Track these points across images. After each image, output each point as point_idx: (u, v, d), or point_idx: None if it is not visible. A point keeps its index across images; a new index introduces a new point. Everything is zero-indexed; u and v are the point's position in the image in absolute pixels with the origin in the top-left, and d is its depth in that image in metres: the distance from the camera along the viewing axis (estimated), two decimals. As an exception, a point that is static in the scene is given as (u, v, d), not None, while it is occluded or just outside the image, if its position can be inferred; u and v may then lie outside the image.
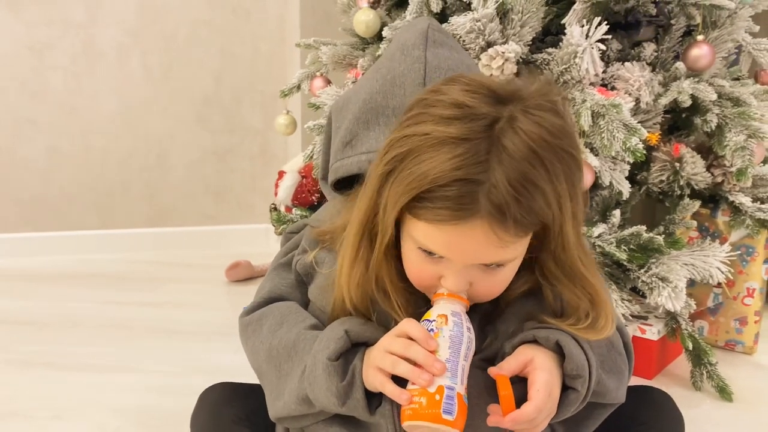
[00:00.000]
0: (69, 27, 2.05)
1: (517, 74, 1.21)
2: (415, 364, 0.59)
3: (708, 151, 1.36)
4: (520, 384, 0.61)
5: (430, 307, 0.63)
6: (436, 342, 0.59)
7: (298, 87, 1.65)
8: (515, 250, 0.60)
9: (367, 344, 0.64)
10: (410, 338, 0.60)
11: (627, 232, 1.26)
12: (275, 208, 1.63)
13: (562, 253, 0.61)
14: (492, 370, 0.61)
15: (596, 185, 1.28)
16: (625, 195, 1.26)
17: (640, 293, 1.29)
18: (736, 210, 1.35)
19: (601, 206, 1.34)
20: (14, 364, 1.35)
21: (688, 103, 1.23)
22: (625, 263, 1.25)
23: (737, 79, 1.45)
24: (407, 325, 0.61)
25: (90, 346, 1.45)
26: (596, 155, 1.21)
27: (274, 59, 2.22)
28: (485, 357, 0.65)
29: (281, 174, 1.62)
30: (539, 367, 0.60)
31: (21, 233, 2.11)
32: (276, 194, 1.61)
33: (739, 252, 1.39)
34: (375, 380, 0.61)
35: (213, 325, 1.56)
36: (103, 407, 1.17)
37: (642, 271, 1.24)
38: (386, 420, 0.63)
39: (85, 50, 2.08)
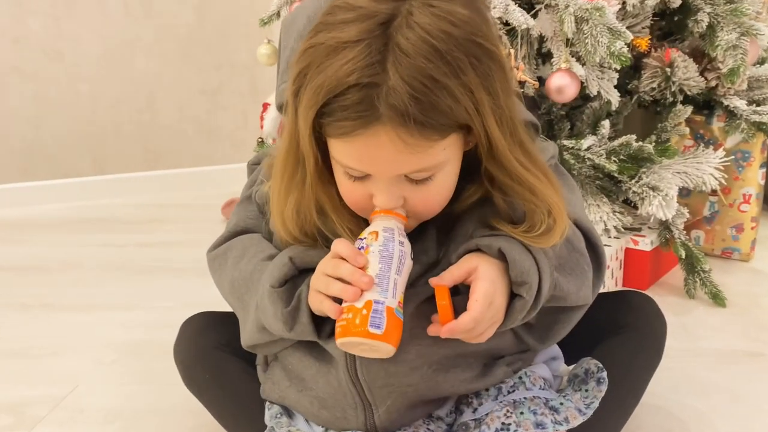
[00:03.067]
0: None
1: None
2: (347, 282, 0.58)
3: (702, 55, 1.31)
4: (467, 294, 0.59)
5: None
6: (366, 258, 0.58)
7: (278, 14, 1.60)
8: (434, 157, 0.56)
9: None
10: (342, 258, 0.59)
11: (616, 142, 1.23)
12: (262, 141, 1.61)
13: (499, 157, 0.57)
14: (432, 281, 0.60)
15: (585, 96, 1.25)
16: (614, 104, 1.23)
17: (633, 205, 1.27)
18: (731, 114, 1.31)
19: (591, 118, 1.31)
20: (13, 307, 1.37)
21: (677, 2, 1.18)
22: (615, 175, 1.22)
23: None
24: (337, 245, 0.60)
25: (89, 287, 1.46)
26: (583, 64, 1.17)
27: (255, -12, 2.15)
28: (444, 267, 0.63)
29: (266, 106, 1.59)
30: (481, 276, 0.59)
31: (16, 183, 2.11)
32: (262, 127, 1.59)
33: (734, 157, 1.36)
34: (315, 301, 0.60)
35: (210, 261, 1.57)
36: (99, 343, 1.19)
37: (633, 181, 1.22)
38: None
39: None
